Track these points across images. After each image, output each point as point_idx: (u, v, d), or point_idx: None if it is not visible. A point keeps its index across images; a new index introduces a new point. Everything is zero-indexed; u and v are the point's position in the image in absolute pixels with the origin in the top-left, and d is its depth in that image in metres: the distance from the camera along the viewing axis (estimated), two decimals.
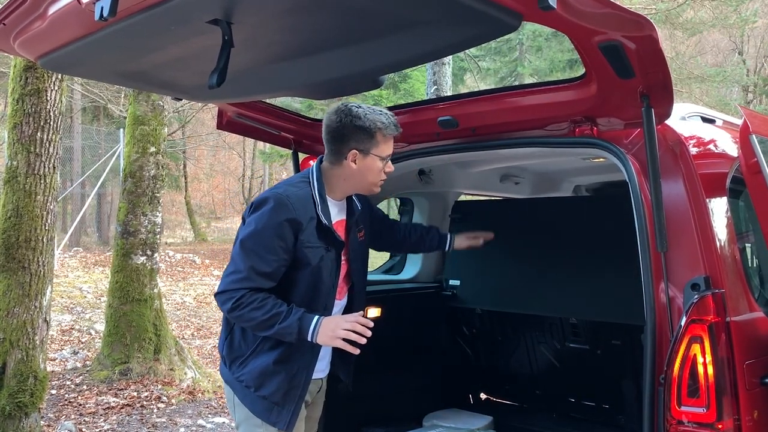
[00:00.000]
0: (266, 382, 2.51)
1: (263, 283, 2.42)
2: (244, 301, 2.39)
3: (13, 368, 4.81)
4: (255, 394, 2.52)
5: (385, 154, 2.57)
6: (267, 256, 2.40)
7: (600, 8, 1.81)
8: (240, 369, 2.55)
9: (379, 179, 2.61)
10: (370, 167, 2.56)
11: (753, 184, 2.24)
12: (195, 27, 1.83)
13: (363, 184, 2.61)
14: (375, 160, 2.55)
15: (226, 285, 2.43)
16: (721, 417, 2.10)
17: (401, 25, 1.90)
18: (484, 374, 4.31)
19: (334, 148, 2.57)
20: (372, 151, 2.54)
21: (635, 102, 2.22)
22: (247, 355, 2.54)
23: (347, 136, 2.52)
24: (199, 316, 11.32)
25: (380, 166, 2.58)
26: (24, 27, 2.11)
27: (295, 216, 2.43)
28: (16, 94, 4.96)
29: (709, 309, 2.16)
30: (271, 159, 23.31)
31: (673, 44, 21.16)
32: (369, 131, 2.51)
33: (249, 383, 2.53)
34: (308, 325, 2.39)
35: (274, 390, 2.51)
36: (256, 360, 2.52)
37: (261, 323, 2.40)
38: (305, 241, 2.46)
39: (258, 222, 2.43)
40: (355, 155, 2.53)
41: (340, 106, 2.56)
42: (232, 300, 2.39)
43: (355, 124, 2.50)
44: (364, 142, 2.52)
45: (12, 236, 4.87)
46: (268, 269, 2.41)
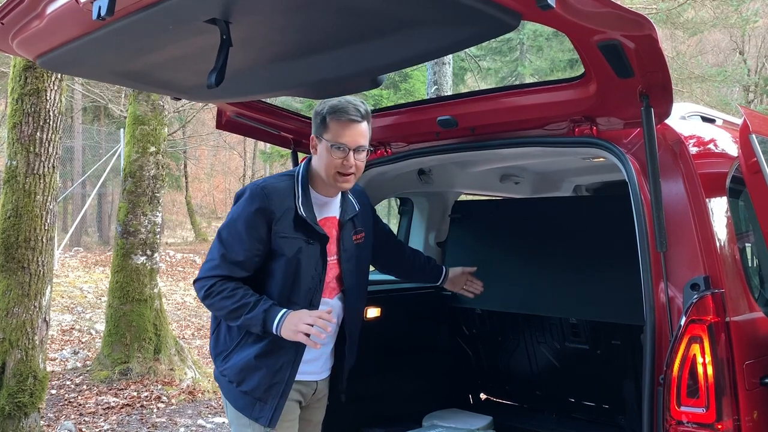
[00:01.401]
0: (248, 377, 2.51)
1: (235, 271, 2.45)
2: (215, 290, 2.43)
3: (13, 368, 4.81)
4: (237, 389, 2.53)
5: (337, 141, 2.47)
6: (237, 245, 2.45)
7: (599, 7, 1.80)
8: (223, 363, 2.56)
9: (334, 171, 2.49)
10: (322, 154, 2.52)
11: (753, 183, 2.23)
12: (193, 26, 1.83)
13: (325, 173, 2.52)
14: (326, 146, 2.49)
15: (202, 272, 2.49)
16: (721, 417, 2.10)
17: (400, 24, 1.89)
18: (484, 374, 4.31)
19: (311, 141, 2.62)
20: (323, 136, 2.51)
21: (635, 101, 2.22)
22: (231, 349, 2.56)
23: (312, 121, 2.58)
24: (199, 316, 11.33)
25: (335, 156, 2.47)
26: (22, 26, 2.11)
27: (268, 205, 2.45)
28: (16, 93, 4.96)
29: (708, 309, 2.15)
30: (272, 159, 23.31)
31: (673, 44, 21.15)
32: (321, 115, 2.51)
33: (231, 378, 2.54)
34: (273, 318, 2.39)
35: (256, 385, 2.50)
36: (239, 354, 2.53)
37: (230, 312, 2.43)
38: (279, 231, 2.46)
39: (234, 212, 2.49)
40: (314, 141, 2.55)
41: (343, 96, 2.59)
42: (205, 288, 2.45)
43: (315, 110, 2.55)
44: (318, 127, 2.53)
45: (11, 236, 4.87)
46: (239, 258, 2.44)
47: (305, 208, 2.50)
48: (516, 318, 3.96)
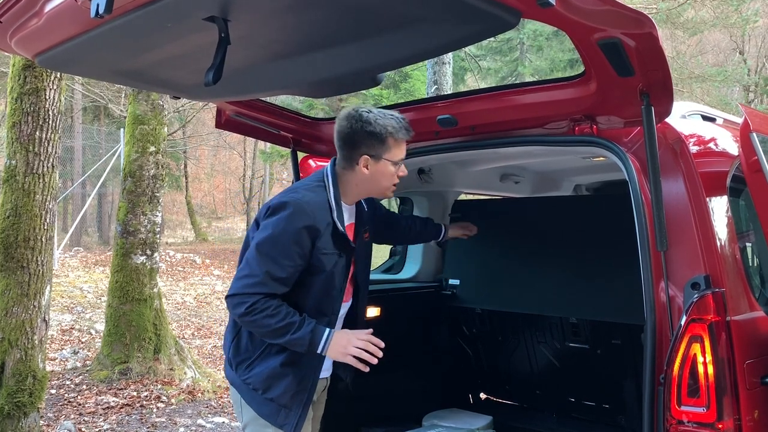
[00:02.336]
0: (274, 384, 2.49)
1: (277, 288, 2.39)
2: (258, 307, 2.35)
3: (12, 368, 4.81)
4: (262, 396, 2.50)
5: (397, 159, 2.56)
6: (283, 261, 2.38)
7: (599, 5, 1.80)
8: (247, 372, 2.53)
9: (391, 183, 2.60)
10: (382, 172, 2.55)
11: (753, 182, 2.23)
12: (192, 24, 1.82)
13: (376, 188, 2.61)
14: (387, 165, 2.54)
15: (239, 288, 2.39)
16: (722, 417, 2.09)
17: (400, 22, 1.89)
18: (484, 374, 4.30)
19: (346, 154, 2.55)
20: (384, 156, 2.52)
21: (635, 100, 2.21)
22: (254, 357, 2.53)
23: (358, 141, 2.51)
24: (199, 316, 11.32)
25: (393, 171, 2.56)
26: (20, 25, 2.10)
27: (314, 222, 2.42)
28: (15, 93, 4.95)
29: (709, 308, 2.15)
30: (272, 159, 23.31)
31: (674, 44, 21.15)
32: (380, 136, 2.49)
33: (256, 386, 2.51)
34: (320, 338, 2.39)
35: (282, 392, 2.49)
36: (264, 363, 2.51)
37: (273, 331, 2.38)
38: (322, 248, 2.45)
39: (275, 227, 2.40)
40: (367, 161, 2.52)
41: (350, 111, 2.55)
42: (246, 305, 2.36)
43: (365, 130, 2.49)
44: (375, 147, 2.51)
45: (11, 236, 4.86)
46: (283, 275, 2.39)
47: (341, 222, 2.52)
48: (516, 318, 3.95)
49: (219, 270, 16.97)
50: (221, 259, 19.23)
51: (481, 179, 4.22)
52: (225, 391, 7.10)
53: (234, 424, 6.04)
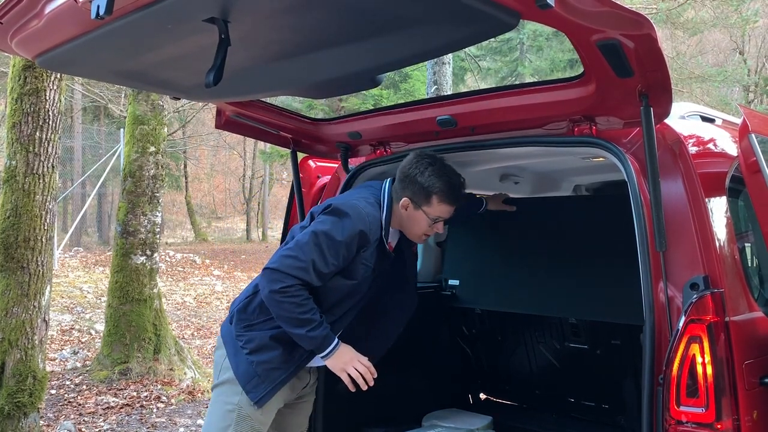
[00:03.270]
0: (262, 351, 2.56)
1: (315, 280, 2.47)
2: (291, 291, 2.42)
3: (12, 368, 4.81)
4: (246, 356, 2.57)
5: (435, 216, 2.67)
6: (330, 258, 2.47)
7: (599, 7, 1.80)
8: (244, 330, 2.60)
9: (423, 233, 2.72)
10: (417, 220, 2.68)
11: (752, 183, 2.23)
12: (192, 25, 1.83)
13: (408, 229, 2.73)
14: (423, 216, 2.67)
15: (283, 266, 2.45)
16: (721, 417, 2.09)
17: (399, 23, 1.89)
18: (484, 374, 4.30)
19: (397, 186, 2.69)
20: (423, 207, 2.65)
21: (634, 101, 2.21)
22: (257, 321, 2.60)
23: (407, 183, 2.65)
24: (199, 316, 11.32)
25: (427, 223, 2.69)
26: (21, 26, 2.11)
27: (368, 233, 2.53)
28: (15, 93, 4.95)
29: (708, 309, 2.15)
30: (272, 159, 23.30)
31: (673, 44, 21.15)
32: (426, 191, 2.63)
33: (245, 344, 2.58)
34: (328, 344, 2.50)
35: (264, 360, 2.55)
36: (262, 329, 2.58)
37: (293, 320, 2.45)
38: (363, 258, 2.57)
39: (335, 225, 2.50)
40: (407, 203, 2.66)
41: (422, 152, 2.71)
42: (283, 284, 2.42)
43: (417, 179, 2.63)
44: (418, 196, 2.64)
45: (11, 236, 4.87)
46: (325, 270, 2.48)
47: (387, 242, 2.66)
48: (516, 318, 3.95)
49: (219, 270, 16.97)
50: (221, 259, 19.24)
51: (481, 180, 4.21)
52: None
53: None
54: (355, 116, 3.18)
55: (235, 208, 36.76)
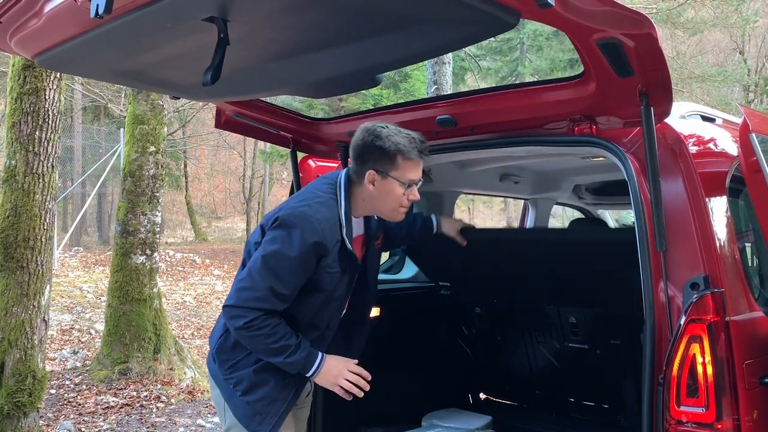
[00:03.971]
0: (253, 389, 2.47)
1: (278, 305, 2.33)
2: (256, 324, 2.30)
3: (12, 368, 4.81)
4: (240, 398, 2.48)
5: (406, 179, 2.46)
6: (288, 278, 2.33)
7: (599, 6, 1.80)
8: (229, 372, 2.50)
9: (399, 205, 2.49)
10: (388, 191, 2.46)
11: (753, 182, 2.23)
12: (191, 25, 1.83)
13: (382, 208, 2.52)
14: (394, 185, 2.45)
15: (240, 300, 2.33)
16: (721, 417, 2.09)
17: (399, 22, 1.89)
18: (483, 374, 4.30)
19: (356, 167, 2.49)
20: (390, 173, 2.43)
21: (634, 100, 2.21)
22: (239, 359, 2.49)
23: (367, 154, 2.44)
24: (199, 316, 11.32)
25: (400, 192, 2.46)
26: (20, 25, 2.10)
27: (323, 241, 2.35)
28: (15, 93, 4.95)
29: (708, 308, 2.15)
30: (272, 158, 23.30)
31: (674, 44, 21.16)
32: (388, 153, 2.41)
33: (237, 387, 2.49)
34: (311, 364, 2.40)
35: (259, 398, 2.47)
36: (247, 366, 2.48)
37: (267, 350, 2.36)
38: (326, 266, 2.40)
39: (284, 242, 2.32)
40: (373, 176, 2.44)
41: (367, 125, 2.49)
42: (245, 319, 2.30)
43: (375, 144, 2.41)
44: (383, 163, 2.42)
45: (10, 235, 4.86)
46: (286, 291, 2.34)
47: (349, 240, 2.46)
48: (516, 318, 3.95)
49: (219, 270, 16.97)
50: (221, 259, 19.24)
51: (481, 179, 4.22)
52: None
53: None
54: (355, 116, 3.17)
55: (235, 208, 36.77)
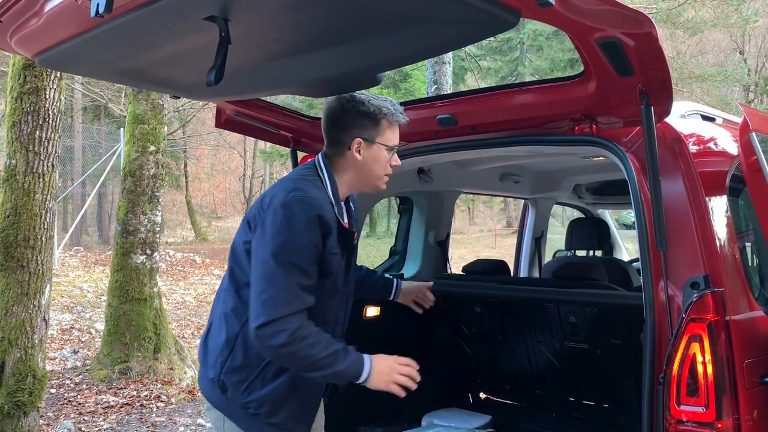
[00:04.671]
0: (278, 408, 2.23)
1: (309, 299, 2.10)
2: (300, 335, 2.03)
3: (12, 367, 4.81)
4: (264, 420, 2.23)
5: (391, 143, 2.35)
6: (307, 266, 2.11)
7: (599, 5, 1.80)
8: (246, 395, 2.22)
9: (384, 173, 2.38)
10: (376, 158, 2.33)
11: (753, 182, 2.23)
12: (192, 24, 1.82)
13: (368, 177, 2.37)
14: (381, 150, 2.33)
15: (272, 312, 2.03)
16: (721, 416, 2.09)
17: (399, 21, 1.89)
18: (483, 373, 4.30)
19: (336, 136, 2.34)
20: (377, 139, 2.32)
21: (634, 100, 2.21)
22: (253, 378, 2.22)
23: (350, 122, 2.31)
24: (199, 316, 11.32)
25: (387, 157, 2.35)
26: (20, 24, 2.10)
27: (324, 216, 2.15)
28: (15, 92, 4.95)
29: (708, 308, 2.15)
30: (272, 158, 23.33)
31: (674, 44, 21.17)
32: (373, 117, 2.30)
33: (258, 410, 2.22)
34: (361, 368, 2.16)
35: (287, 417, 2.25)
36: (266, 384, 2.22)
37: (314, 364, 2.08)
38: (330, 247, 2.20)
39: (288, 231, 2.10)
40: (360, 144, 2.30)
41: (339, 96, 2.38)
42: (286, 332, 2.02)
43: (358, 110, 2.30)
44: (368, 129, 2.31)
45: (11, 235, 4.87)
46: (311, 282, 2.11)
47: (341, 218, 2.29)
48: (516, 317, 3.95)
49: (219, 270, 16.97)
50: (221, 259, 19.23)
51: (481, 179, 4.22)
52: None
53: None
54: None
55: (235, 208, 36.79)
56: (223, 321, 2.29)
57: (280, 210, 2.13)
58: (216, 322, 2.33)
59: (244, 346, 2.22)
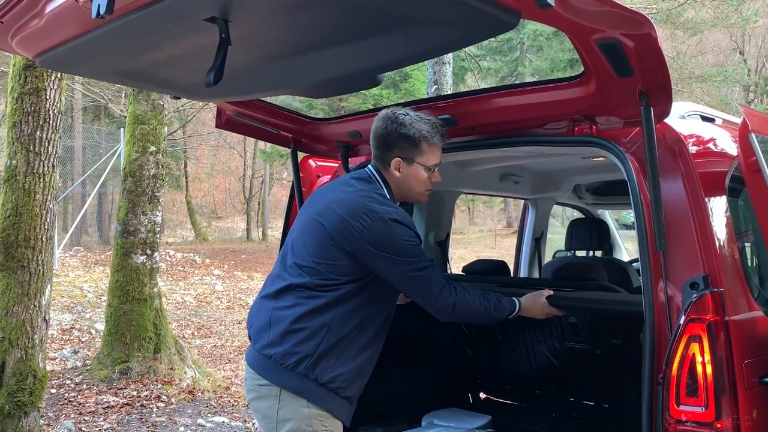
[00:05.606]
0: (355, 382, 2.49)
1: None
2: (457, 298, 2.49)
3: (13, 367, 4.81)
4: (338, 395, 2.44)
5: (431, 164, 2.57)
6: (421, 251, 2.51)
7: (599, 6, 1.80)
8: (330, 371, 2.40)
9: (425, 189, 2.62)
10: (414, 176, 2.56)
11: (752, 182, 2.23)
12: (192, 25, 1.83)
13: (409, 192, 2.62)
14: (419, 169, 2.55)
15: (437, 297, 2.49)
16: (720, 416, 2.10)
17: (399, 22, 1.90)
18: (483, 373, 4.30)
19: (380, 155, 2.56)
20: (416, 159, 2.53)
21: (634, 100, 2.21)
22: (341, 353, 2.43)
23: (391, 143, 2.52)
24: (199, 316, 11.33)
25: (425, 176, 2.57)
26: (22, 25, 2.11)
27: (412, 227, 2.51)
28: (16, 92, 4.96)
29: (707, 308, 2.15)
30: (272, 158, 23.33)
31: (674, 44, 21.18)
32: (413, 140, 2.50)
33: (339, 385, 2.42)
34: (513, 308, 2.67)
35: (357, 390, 2.52)
36: (348, 361, 2.44)
37: (485, 314, 2.58)
38: None
39: (399, 234, 2.44)
40: (399, 163, 2.53)
41: (387, 112, 2.56)
42: (451, 297, 2.48)
43: (399, 132, 2.50)
44: (408, 150, 2.51)
45: (11, 235, 4.87)
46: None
47: None
48: (516, 317, 3.95)
49: (219, 270, 16.98)
50: (221, 259, 19.26)
51: (481, 179, 4.22)
52: (225, 391, 7.11)
53: (234, 423, 6.05)
54: (355, 116, 3.18)
55: (236, 208, 36.81)
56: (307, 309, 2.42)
57: (392, 222, 2.42)
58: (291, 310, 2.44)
59: (328, 326, 2.40)
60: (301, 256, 2.48)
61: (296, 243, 2.54)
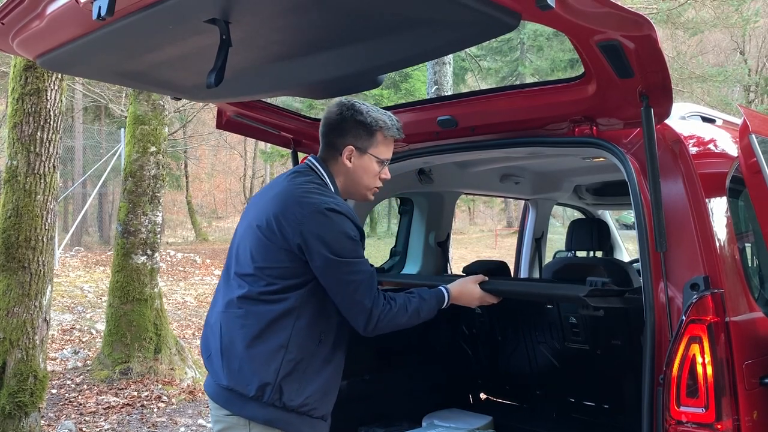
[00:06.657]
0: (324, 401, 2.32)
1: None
2: (384, 311, 2.28)
3: (13, 368, 4.82)
4: (314, 417, 2.29)
5: (383, 157, 2.43)
6: (362, 254, 2.31)
7: (599, 7, 1.80)
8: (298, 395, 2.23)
9: (374, 184, 2.46)
10: (365, 168, 2.41)
11: (753, 183, 2.23)
12: (193, 26, 1.83)
13: (356, 186, 2.44)
14: (371, 161, 2.41)
15: (370, 309, 2.24)
16: (721, 417, 2.10)
17: (400, 24, 1.90)
18: (483, 374, 4.31)
19: (330, 142, 2.41)
20: (369, 150, 2.39)
21: (634, 101, 2.22)
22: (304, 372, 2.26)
23: (346, 130, 2.38)
24: (199, 316, 11.33)
25: (376, 169, 2.42)
26: (22, 26, 2.11)
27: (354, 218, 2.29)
28: (16, 93, 4.96)
29: (708, 309, 2.15)
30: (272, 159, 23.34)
31: (674, 44, 21.18)
32: (369, 128, 2.37)
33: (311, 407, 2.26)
34: (442, 300, 2.51)
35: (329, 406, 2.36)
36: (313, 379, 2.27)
37: (409, 321, 2.36)
38: None
39: (340, 226, 2.22)
40: (351, 152, 2.38)
41: (342, 100, 2.44)
42: (377, 309, 2.26)
43: (356, 119, 2.37)
44: (362, 138, 2.38)
45: (12, 236, 4.88)
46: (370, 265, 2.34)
47: None
48: (516, 318, 3.96)
49: (219, 270, 16.95)
50: (221, 259, 19.23)
51: (482, 180, 4.22)
52: None
53: None
54: None
55: (236, 208, 36.80)
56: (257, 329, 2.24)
57: (328, 213, 2.23)
58: (241, 331, 2.26)
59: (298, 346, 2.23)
60: (243, 263, 2.31)
61: (239, 251, 2.36)
